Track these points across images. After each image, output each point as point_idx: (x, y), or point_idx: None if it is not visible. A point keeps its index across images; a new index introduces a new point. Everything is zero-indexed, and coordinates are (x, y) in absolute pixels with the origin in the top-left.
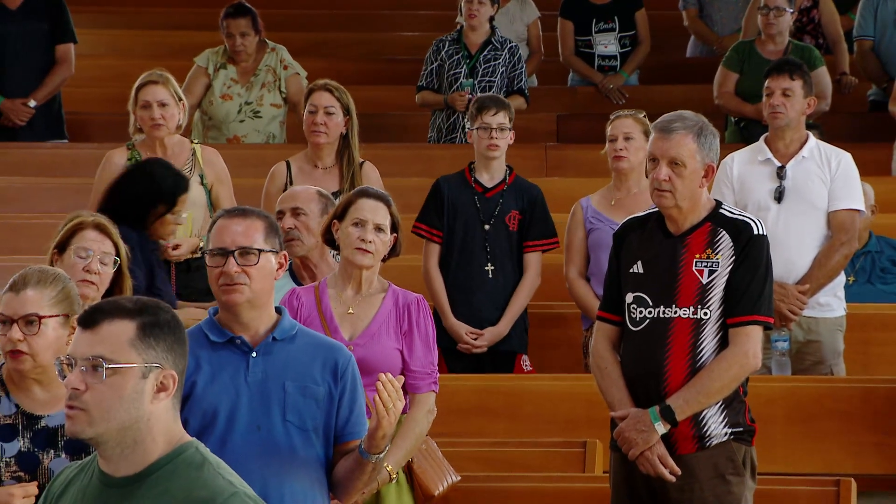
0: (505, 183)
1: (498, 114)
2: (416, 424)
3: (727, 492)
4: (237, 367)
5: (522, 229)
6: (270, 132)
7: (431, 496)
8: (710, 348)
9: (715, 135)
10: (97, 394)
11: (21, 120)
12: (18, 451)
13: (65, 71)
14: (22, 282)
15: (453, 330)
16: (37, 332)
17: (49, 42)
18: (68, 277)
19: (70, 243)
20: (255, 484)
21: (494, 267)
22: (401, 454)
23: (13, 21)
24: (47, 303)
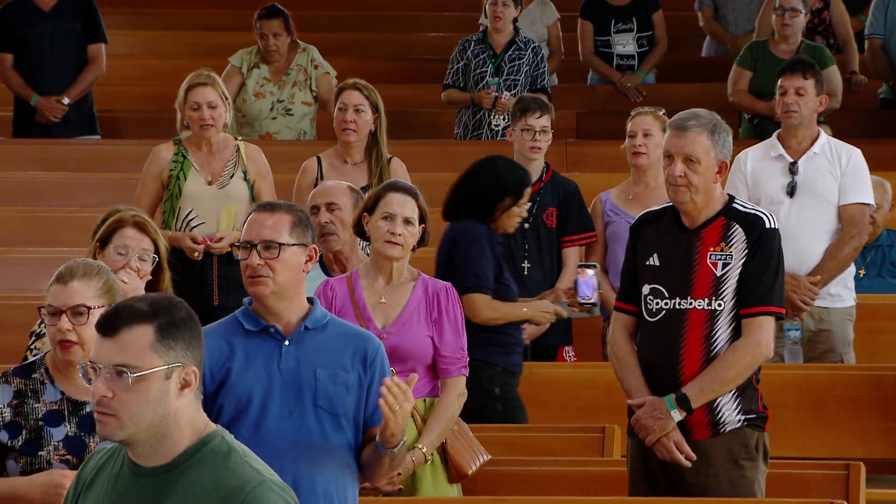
0: (542, 181)
1: (542, 116)
2: (447, 407)
3: (741, 476)
4: (270, 354)
5: (560, 225)
6: (302, 129)
7: (465, 475)
8: (723, 338)
9: (728, 132)
10: (125, 400)
11: (55, 117)
12: (65, 436)
13: (97, 70)
14: (69, 274)
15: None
16: (85, 322)
17: (81, 42)
18: (110, 269)
19: (111, 240)
20: (287, 468)
21: (530, 264)
22: (434, 436)
23: (47, 22)
24: (93, 294)
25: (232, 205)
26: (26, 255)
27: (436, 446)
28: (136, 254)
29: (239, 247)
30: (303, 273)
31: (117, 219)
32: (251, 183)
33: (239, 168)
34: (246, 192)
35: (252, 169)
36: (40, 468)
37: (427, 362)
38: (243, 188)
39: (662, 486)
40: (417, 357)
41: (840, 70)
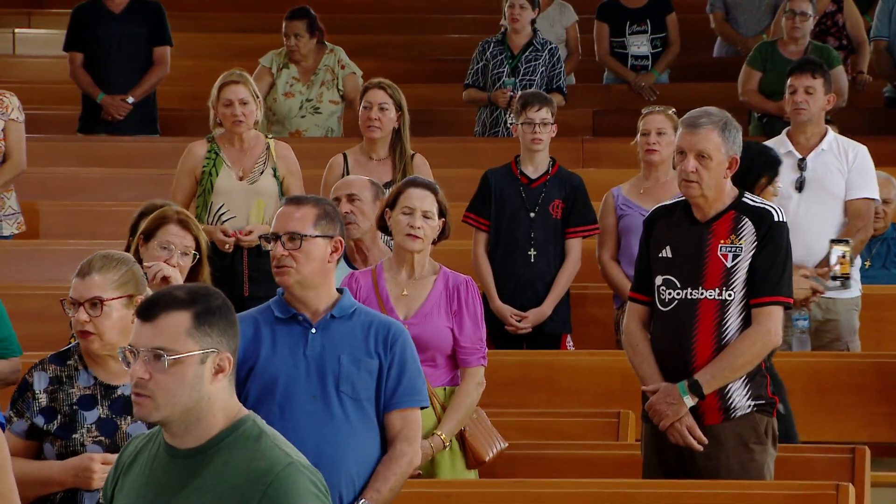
0: (548, 174)
1: (541, 109)
2: (466, 396)
3: (750, 459)
4: (297, 341)
5: (565, 217)
6: (329, 127)
7: (482, 462)
8: (734, 327)
9: (738, 129)
10: (161, 382)
11: (119, 115)
12: (98, 418)
13: (161, 71)
14: (87, 267)
15: (500, 312)
16: (100, 313)
17: (147, 44)
18: (133, 260)
19: (155, 235)
20: (310, 451)
21: (537, 252)
22: (453, 423)
23: (117, 23)
24: (110, 286)
25: (261, 199)
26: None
27: (454, 433)
28: (178, 250)
29: (268, 238)
30: (328, 264)
31: (162, 215)
32: (280, 179)
33: (269, 165)
34: (275, 187)
35: (281, 166)
36: (74, 450)
37: (447, 352)
38: (272, 184)
39: (675, 468)
40: (438, 347)
41: (851, 68)
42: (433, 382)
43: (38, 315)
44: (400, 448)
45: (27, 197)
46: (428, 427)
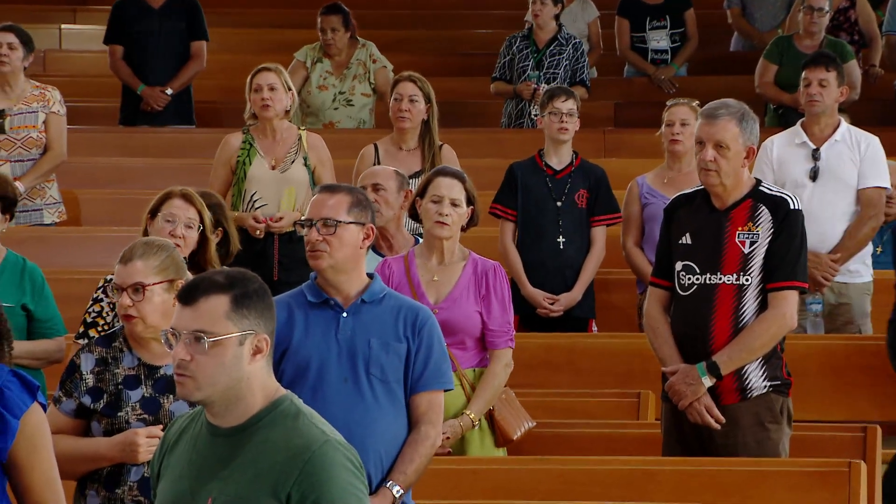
0: (572, 165)
1: (567, 101)
2: (494, 377)
3: (766, 437)
4: (329, 324)
5: (590, 206)
6: (361, 118)
7: (510, 440)
8: (750, 310)
9: (755, 120)
10: (202, 363)
11: (159, 105)
12: (142, 397)
13: (198, 65)
14: (129, 254)
15: (532, 297)
16: (142, 298)
17: (185, 38)
18: (173, 246)
19: (160, 210)
20: (341, 431)
21: (566, 239)
22: (482, 403)
23: (155, 19)
24: (152, 271)
25: (292, 187)
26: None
27: (482, 413)
28: (182, 222)
29: (302, 224)
30: (360, 250)
31: (166, 192)
32: (311, 168)
33: (300, 154)
34: (306, 176)
35: (313, 156)
36: (120, 427)
37: (476, 335)
38: (303, 173)
39: (694, 446)
40: (467, 331)
41: (864, 62)
42: (463, 364)
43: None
44: (424, 430)
45: (71, 186)
46: (458, 407)
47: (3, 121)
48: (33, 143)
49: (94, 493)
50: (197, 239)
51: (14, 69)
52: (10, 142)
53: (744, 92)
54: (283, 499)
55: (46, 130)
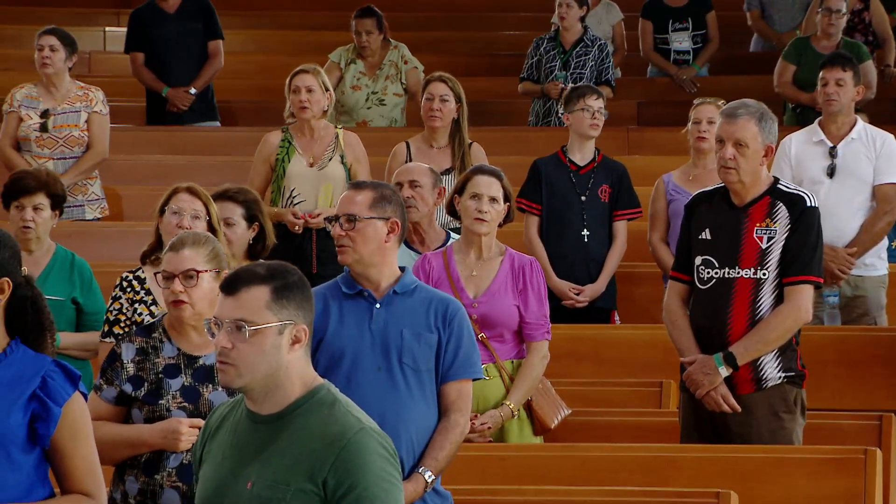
0: (595, 161)
1: (598, 98)
2: (532, 368)
3: (780, 427)
4: (363, 315)
5: (612, 201)
6: (393, 117)
7: (548, 428)
8: (767, 304)
9: (774, 119)
10: (242, 351)
11: (184, 105)
12: (182, 386)
13: (216, 63)
14: (180, 243)
15: (558, 289)
16: (194, 284)
17: (202, 39)
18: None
19: (168, 205)
20: (374, 416)
21: (590, 233)
22: (520, 394)
23: (172, 23)
24: (202, 259)
25: (329, 184)
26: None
27: (521, 403)
28: (188, 213)
29: (329, 220)
30: (385, 244)
31: (173, 188)
32: (348, 166)
33: (337, 152)
34: (342, 173)
35: (349, 154)
36: (161, 415)
37: (513, 328)
38: (340, 170)
39: (710, 434)
40: (505, 324)
41: (878, 62)
42: (501, 356)
43: None
44: (454, 418)
45: (114, 183)
46: (497, 397)
47: (46, 120)
48: (75, 142)
49: (132, 479)
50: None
51: (57, 70)
52: (54, 140)
53: (763, 91)
54: (320, 483)
55: (88, 129)
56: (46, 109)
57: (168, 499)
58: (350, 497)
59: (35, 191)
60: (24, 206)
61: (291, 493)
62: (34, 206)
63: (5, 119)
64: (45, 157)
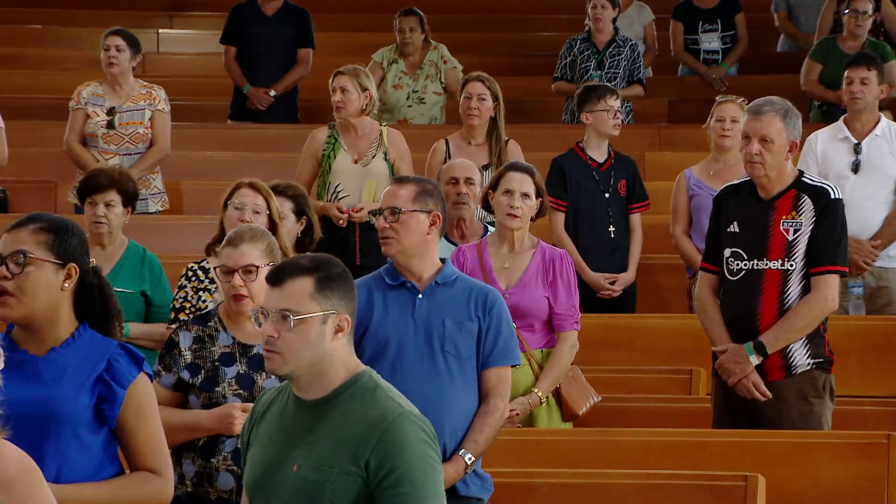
0: (612, 157)
1: (617, 98)
2: (560, 357)
3: (810, 411)
4: (406, 305)
5: (628, 195)
6: (433, 115)
7: (576, 415)
8: (795, 294)
9: (798, 116)
10: (288, 339)
11: (262, 105)
12: (237, 373)
13: (303, 70)
14: (238, 238)
15: (593, 282)
16: (254, 278)
17: (292, 45)
18: (271, 234)
19: (231, 200)
20: (417, 405)
21: (615, 227)
22: (548, 382)
23: (268, 25)
24: (259, 254)
25: (373, 180)
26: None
27: (549, 391)
28: (249, 208)
29: (373, 213)
30: (427, 236)
31: (236, 183)
32: (391, 162)
33: (381, 149)
34: (386, 169)
35: (392, 150)
36: (217, 401)
37: (543, 318)
38: (383, 166)
39: (742, 419)
40: (535, 314)
41: None
42: (531, 345)
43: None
44: (494, 403)
45: (173, 177)
46: (526, 385)
47: (112, 117)
48: (140, 138)
49: (189, 462)
50: (267, 225)
51: (123, 70)
52: (119, 137)
53: (790, 90)
54: (362, 465)
55: (152, 126)
56: (112, 107)
57: (223, 481)
58: (391, 478)
59: (107, 188)
60: (96, 202)
61: (335, 474)
62: (106, 202)
63: (72, 115)
64: (111, 153)
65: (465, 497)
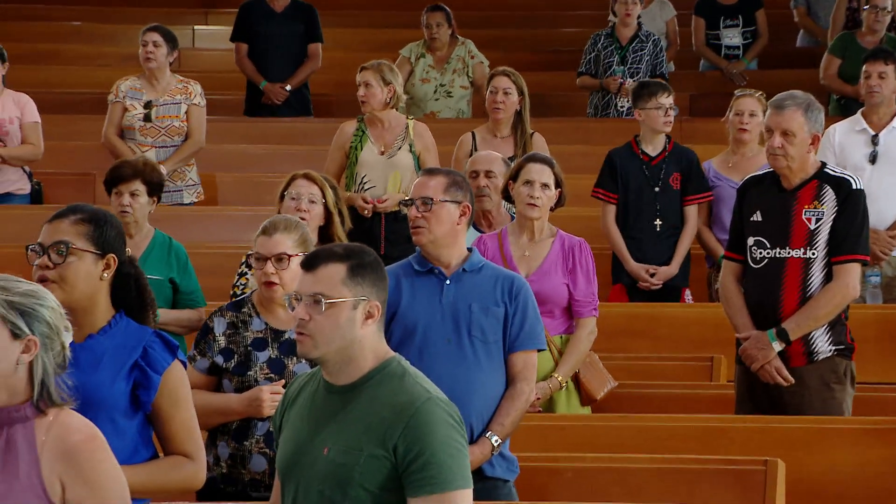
0: (666, 151)
1: (669, 96)
2: (579, 343)
3: (831, 397)
4: (434, 291)
5: (683, 187)
6: (459, 109)
7: (594, 399)
8: (817, 282)
9: (820, 110)
10: (319, 323)
11: (278, 100)
12: (269, 358)
13: (314, 64)
14: (272, 227)
15: (634, 272)
16: (286, 267)
17: (302, 40)
18: (305, 224)
19: (287, 191)
20: (445, 386)
21: (662, 221)
22: (568, 367)
23: (277, 22)
24: (291, 244)
25: (398, 172)
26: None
27: (569, 375)
28: (305, 198)
29: (405, 203)
30: (457, 226)
31: (291, 175)
32: (417, 154)
33: (406, 142)
34: (411, 161)
35: (418, 143)
36: (249, 385)
37: (563, 305)
38: (409, 159)
39: (765, 405)
40: (555, 301)
41: None
42: (551, 331)
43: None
44: (520, 387)
45: (208, 170)
46: (546, 370)
47: (149, 111)
48: (175, 132)
49: (223, 444)
50: (322, 214)
51: (159, 65)
52: (156, 129)
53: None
54: (391, 449)
55: (188, 120)
56: (149, 101)
57: (256, 463)
58: (419, 462)
59: (132, 178)
60: (122, 192)
61: (364, 457)
62: (131, 192)
63: (110, 108)
64: (147, 146)
65: (491, 478)
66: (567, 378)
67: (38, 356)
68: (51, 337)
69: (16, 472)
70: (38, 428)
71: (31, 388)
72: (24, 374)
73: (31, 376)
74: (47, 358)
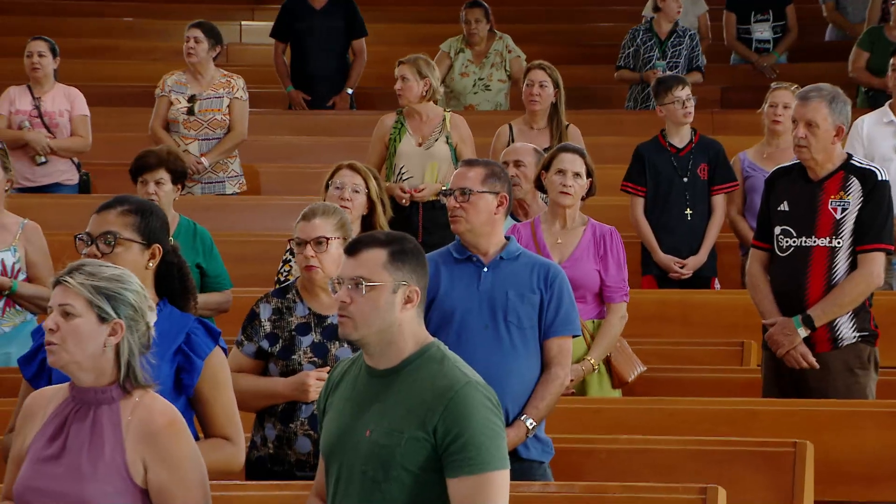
0: (692, 143)
1: (684, 88)
2: (611, 327)
3: (855, 382)
4: (472, 278)
5: (710, 177)
6: (497, 101)
7: (625, 382)
8: (842, 270)
9: (846, 102)
10: (360, 305)
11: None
12: (312, 342)
13: (362, 60)
14: (311, 213)
15: (663, 263)
16: (325, 250)
17: (342, 36)
18: (343, 210)
19: (332, 180)
20: (481, 371)
21: (693, 211)
22: (600, 350)
23: (317, 18)
24: (331, 228)
25: (435, 162)
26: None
27: (601, 358)
28: (349, 187)
29: (444, 193)
30: (495, 215)
31: (336, 166)
32: (453, 146)
33: (443, 134)
34: (447, 153)
35: (455, 135)
36: (294, 369)
37: (595, 291)
38: (445, 150)
39: (790, 389)
40: (587, 287)
41: None
42: (583, 316)
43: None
44: (554, 371)
45: (251, 161)
46: (579, 353)
47: (193, 104)
48: (217, 125)
49: (270, 426)
50: (365, 203)
51: (201, 60)
52: (199, 122)
53: (838, 77)
54: (431, 431)
55: (230, 113)
56: (193, 95)
57: (301, 445)
58: (458, 444)
59: (156, 167)
60: (147, 181)
61: (405, 439)
62: (156, 180)
63: (157, 102)
64: (190, 139)
65: (526, 460)
66: (599, 361)
67: (124, 338)
68: (136, 319)
69: (101, 452)
70: (124, 409)
71: (118, 369)
72: (111, 355)
73: (118, 358)
74: (133, 339)
